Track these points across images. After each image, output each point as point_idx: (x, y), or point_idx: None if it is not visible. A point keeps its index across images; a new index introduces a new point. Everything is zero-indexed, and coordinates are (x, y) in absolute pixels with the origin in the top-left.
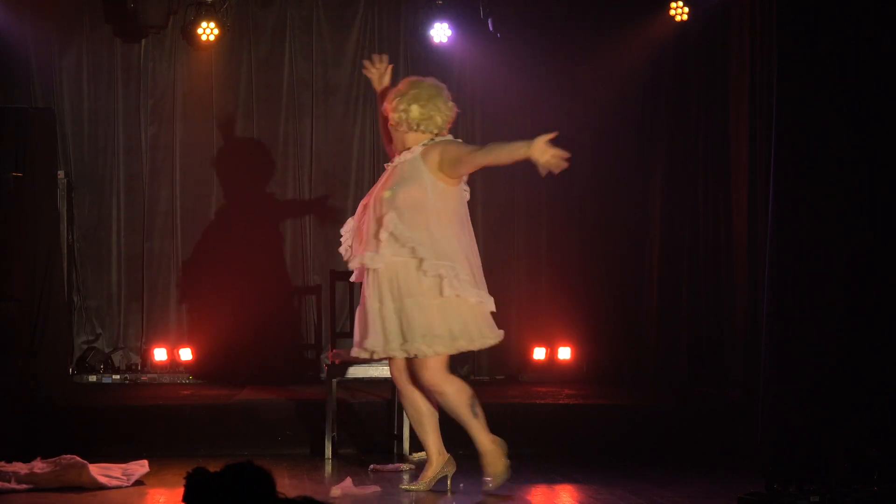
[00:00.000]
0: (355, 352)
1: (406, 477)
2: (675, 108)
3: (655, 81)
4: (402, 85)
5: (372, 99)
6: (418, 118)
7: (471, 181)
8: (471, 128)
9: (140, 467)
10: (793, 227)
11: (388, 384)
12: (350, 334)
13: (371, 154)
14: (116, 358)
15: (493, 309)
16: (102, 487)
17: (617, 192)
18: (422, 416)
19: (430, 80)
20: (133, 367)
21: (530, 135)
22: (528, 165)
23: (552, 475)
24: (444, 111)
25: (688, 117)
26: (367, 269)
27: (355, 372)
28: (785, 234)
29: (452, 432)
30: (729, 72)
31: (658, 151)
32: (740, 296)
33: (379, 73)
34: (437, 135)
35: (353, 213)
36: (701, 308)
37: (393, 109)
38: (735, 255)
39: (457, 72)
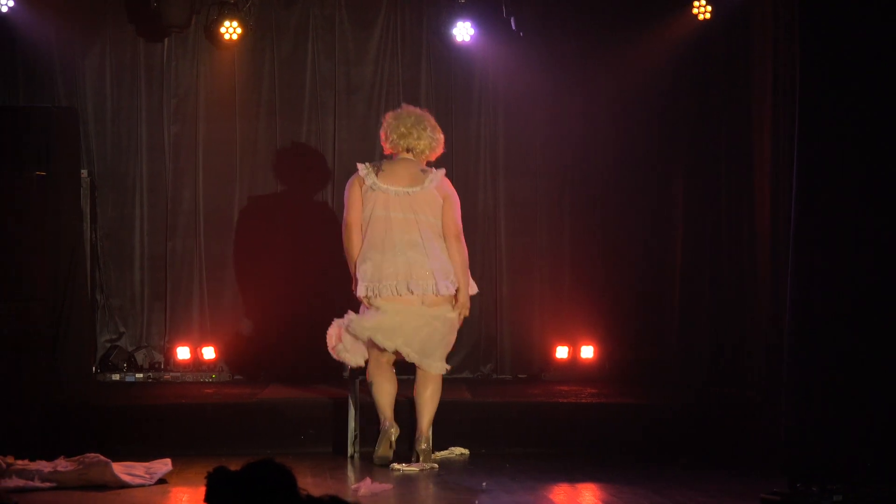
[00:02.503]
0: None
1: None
2: (697, 106)
3: (677, 80)
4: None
5: (394, 97)
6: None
7: (493, 178)
8: (493, 125)
9: (163, 466)
10: (816, 224)
11: (409, 384)
12: None
13: None
14: (139, 357)
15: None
16: (126, 486)
17: (640, 190)
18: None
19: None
20: (156, 365)
21: (551, 133)
22: (549, 162)
23: (574, 474)
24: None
25: (710, 115)
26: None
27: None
28: (808, 232)
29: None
30: (752, 69)
31: (680, 149)
32: (763, 293)
33: None
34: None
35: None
36: (723, 306)
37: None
38: (758, 253)
39: (479, 70)
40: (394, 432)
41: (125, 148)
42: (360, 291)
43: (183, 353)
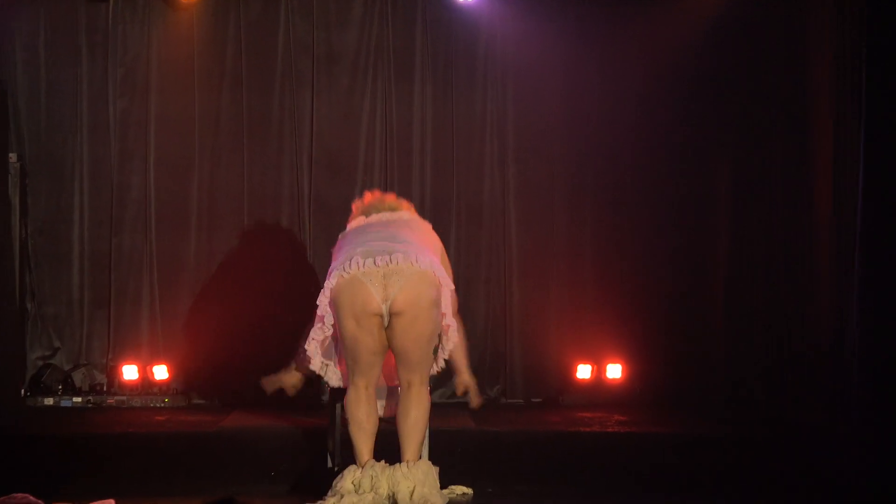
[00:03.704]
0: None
1: None
2: (743, 85)
3: (717, 54)
4: None
5: (384, 68)
6: None
7: (501, 163)
8: (501, 101)
9: None
10: (889, 226)
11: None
12: None
13: (381, 133)
14: (78, 377)
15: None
16: None
17: (676, 181)
18: None
19: None
20: (98, 387)
21: (569, 110)
22: (567, 145)
23: None
24: None
25: (760, 95)
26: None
27: None
28: (879, 234)
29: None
30: (808, 43)
31: (725, 135)
32: (824, 303)
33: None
34: None
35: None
36: (776, 317)
37: None
38: (818, 256)
39: (485, 37)
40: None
41: (62, 127)
42: (330, 286)
43: (130, 372)
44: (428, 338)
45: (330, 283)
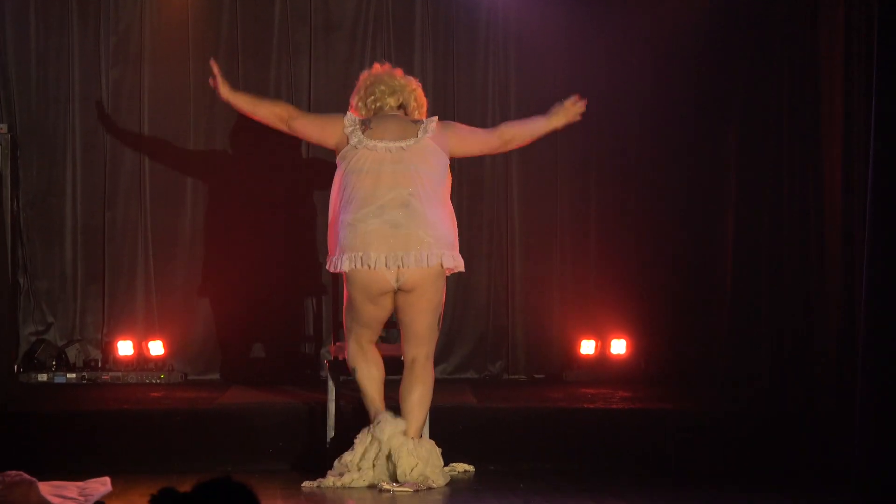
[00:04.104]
0: None
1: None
2: (752, 52)
3: (727, 20)
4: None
5: (383, 37)
6: None
7: None
8: (503, 70)
9: (101, 486)
10: None
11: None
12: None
13: None
14: (72, 353)
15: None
16: None
17: (682, 151)
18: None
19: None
20: (92, 363)
21: (574, 78)
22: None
23: (603, 494)
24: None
25: (769, 64)
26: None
27: None
28: (888, 209)
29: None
30: (820, 2)
31: (732, 105)
32: (833, 281)
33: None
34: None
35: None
36: (785, 293)
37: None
38: (827, 230)
39: (486, 3)
40: None
41: (54, 97)
42: (342, 265)
43: (125, 348)
44: (434, 307)
45: (341, 265)
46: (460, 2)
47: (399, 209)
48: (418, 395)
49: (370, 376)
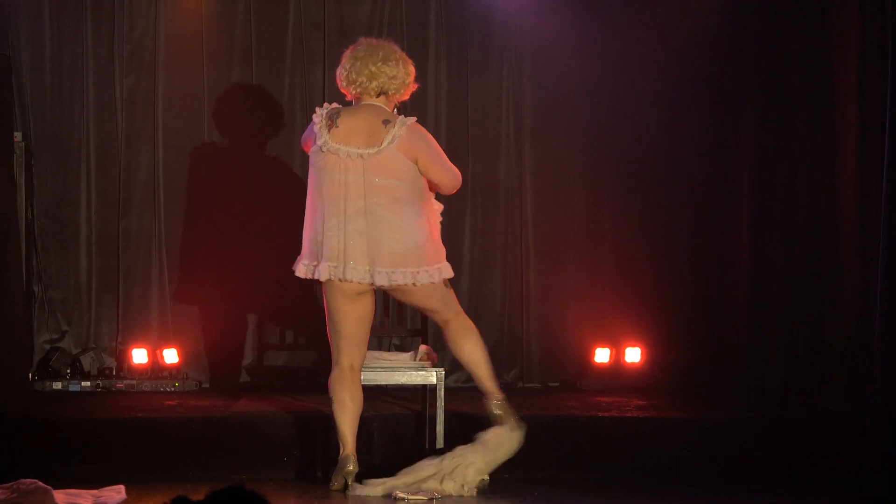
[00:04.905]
0: None
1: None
2: (765, 55)
3: (741, 21)
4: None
5: (397, 43)
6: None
7: (518, 141)
8: (517, 76)
9: (115, 493)
10: None
11: (416, 393)
12: (373, 332)
13: None
14: (86, 361)
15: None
16: None
17: (697, 158)
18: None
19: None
20: (106, 371)
21: (589, 85)
22: (587, 122)
23: (619, 502)
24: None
25: (782, 66)
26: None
27: (377, 378)
28: None
29: None
30: (829, 14)
31: (745, 108)
32: (849, 283)
33: None
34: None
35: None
36: (799, 297)
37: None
38: (842, 234)
39: (501, 6)
40: (351, 470)
41: (68, 105)
42: (318, 273)
43: (139, 356)
44: (432, 291)
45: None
46: (474, 8)
47: (364, 218)
48: (468, 350)
49: (343, 409)
